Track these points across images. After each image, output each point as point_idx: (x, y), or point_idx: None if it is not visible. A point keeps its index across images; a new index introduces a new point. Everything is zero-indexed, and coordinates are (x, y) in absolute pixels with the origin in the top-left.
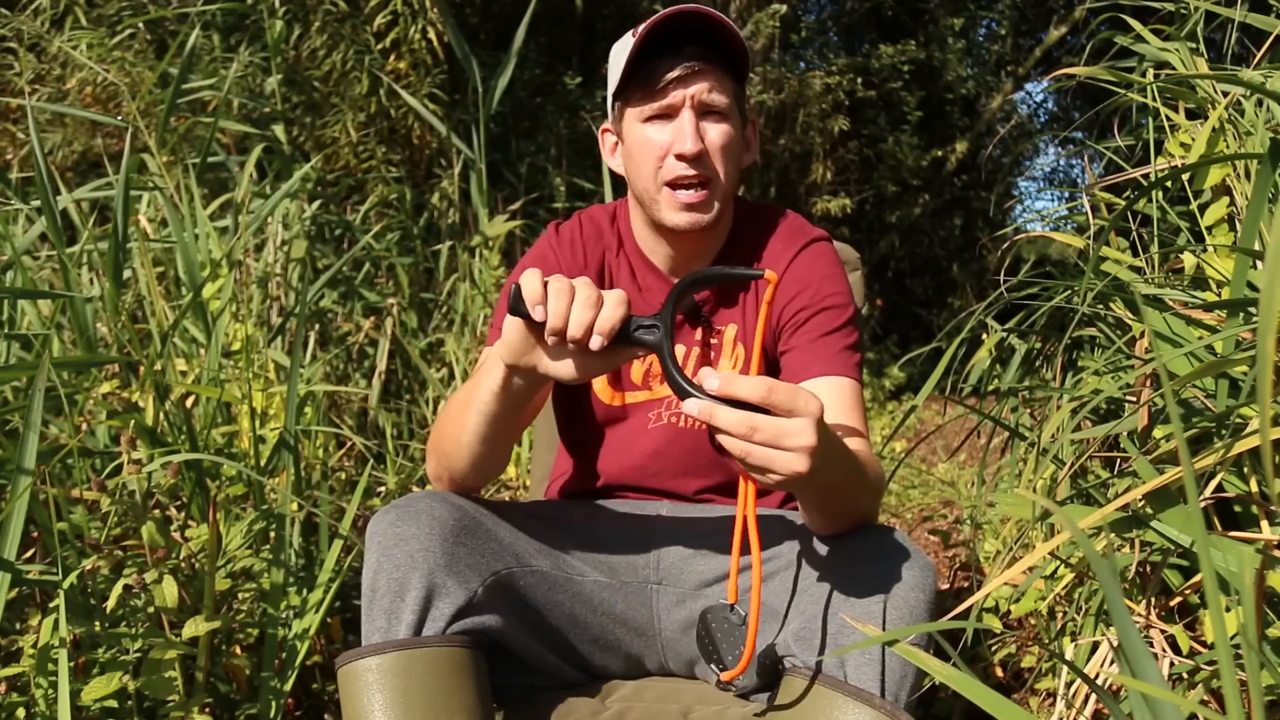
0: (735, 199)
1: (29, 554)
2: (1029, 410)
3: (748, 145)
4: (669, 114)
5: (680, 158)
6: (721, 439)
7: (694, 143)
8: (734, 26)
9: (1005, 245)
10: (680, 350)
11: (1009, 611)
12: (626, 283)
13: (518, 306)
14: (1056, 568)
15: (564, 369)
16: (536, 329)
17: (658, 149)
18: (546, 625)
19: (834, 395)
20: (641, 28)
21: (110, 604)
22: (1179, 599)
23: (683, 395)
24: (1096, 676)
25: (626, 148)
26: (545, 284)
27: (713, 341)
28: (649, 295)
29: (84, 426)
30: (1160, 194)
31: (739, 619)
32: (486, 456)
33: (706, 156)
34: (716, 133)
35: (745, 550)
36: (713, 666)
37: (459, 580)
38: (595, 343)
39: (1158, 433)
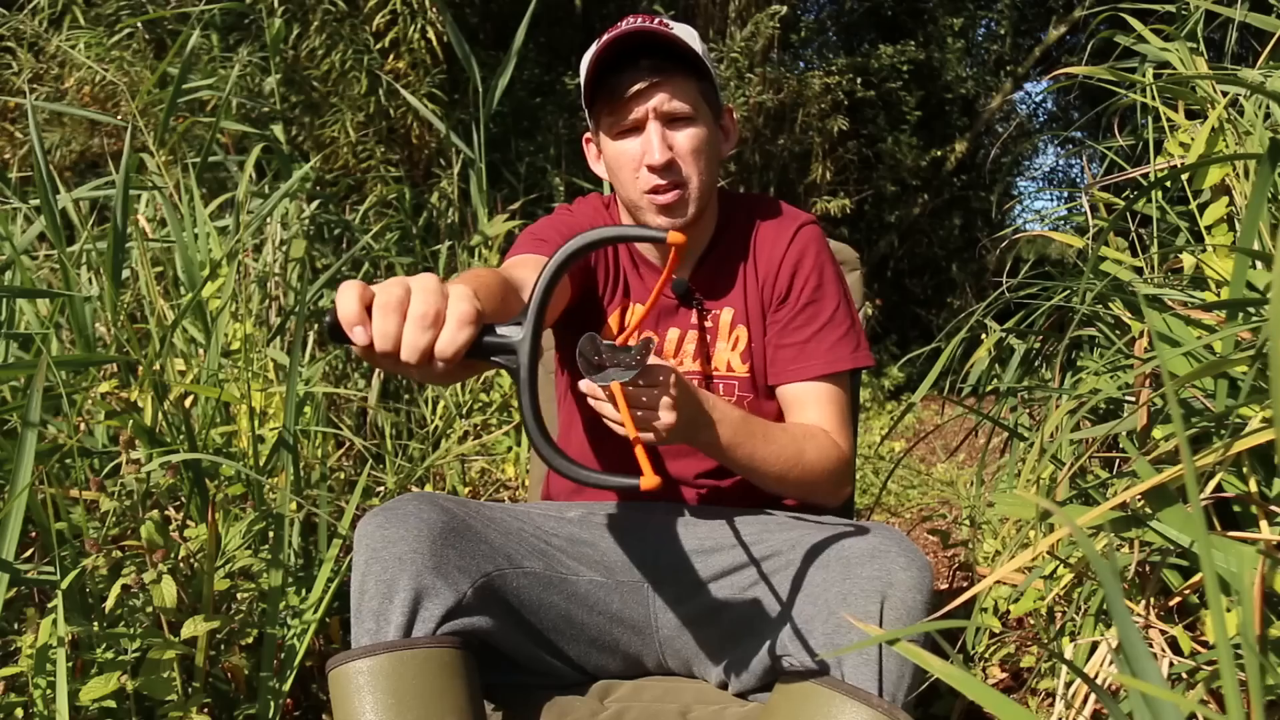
0: (722, 191)
1: (28, 554)
2: (1028, 410)
3: (725, 135)
4: (637, 127)
5: (651, 168)
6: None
7: (661, 154)
8: (682, 37)
9: (1004, 245)
10: (674, 334)
11: (1008, 611)
12: (626, 264)
13: (337, 333)
14: (1056, 567)
15: (422, 378)
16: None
17: (631, 161)
18: (541, 626)
19: (817, 398)
20: (597, 48)
21: (109, 604)
22: (1179, 599)
23: (534, 445)
24: (1096, 676)
25: (605, 159)
26: (369, 299)
27: (707, 325)
28: (648, 278)
29: (82, 426)
30: (1160, 194)
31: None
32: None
33: (676, 163)
34: (684, 137)
35: (740, 543)
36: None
37: (447, 582)
38: (437, 367)
39: (1157, 433)
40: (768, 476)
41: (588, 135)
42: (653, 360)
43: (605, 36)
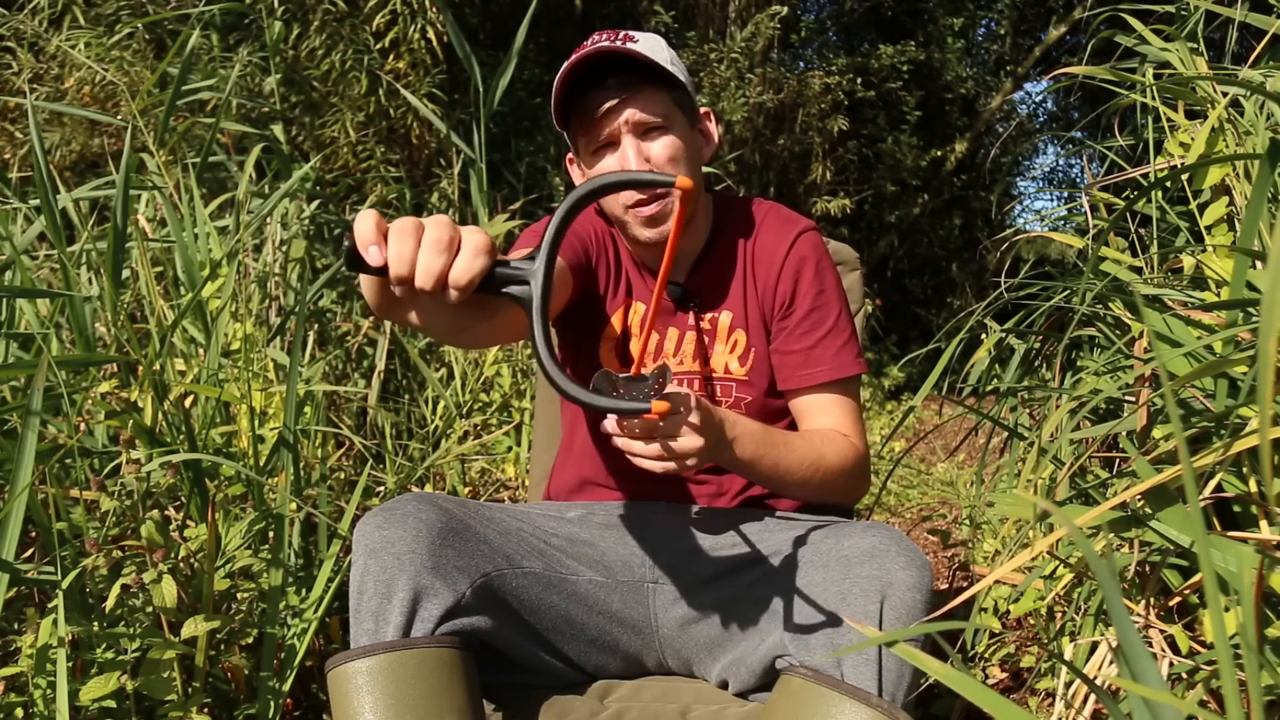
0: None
1: (28, 553)
2: (1028, 410)
3: (706, 138)
4: (612, 142)
5: None
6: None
7: (638, 166)
8: (641, 53)
9: (1004, 245)
10: (674, 334)
11: (1008, 611)
12: (628, 264)
13: (354, 260)
14: (1056, 568)
15: (436, 322)
16: (384, 280)
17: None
18: (541, 626)
19: (829, 404)
20: (561, 73)
21: (109, 604)
22: (1178, 599)
23: (547, 374)
24: (1095, 677)
25: (588, 178)
26: (385, 228)
27: (705, 327)
28: (649, 278)
29: (83, 426)
30: (1159, 194)
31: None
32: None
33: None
34: (660, 147)
35: (740, 542)
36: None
37: (446, 582)
38: (451, 296)
39: (1157, 433)
40: (792, 484)
41: (570, 156)
42: (671, 388)
43: (570, 59)
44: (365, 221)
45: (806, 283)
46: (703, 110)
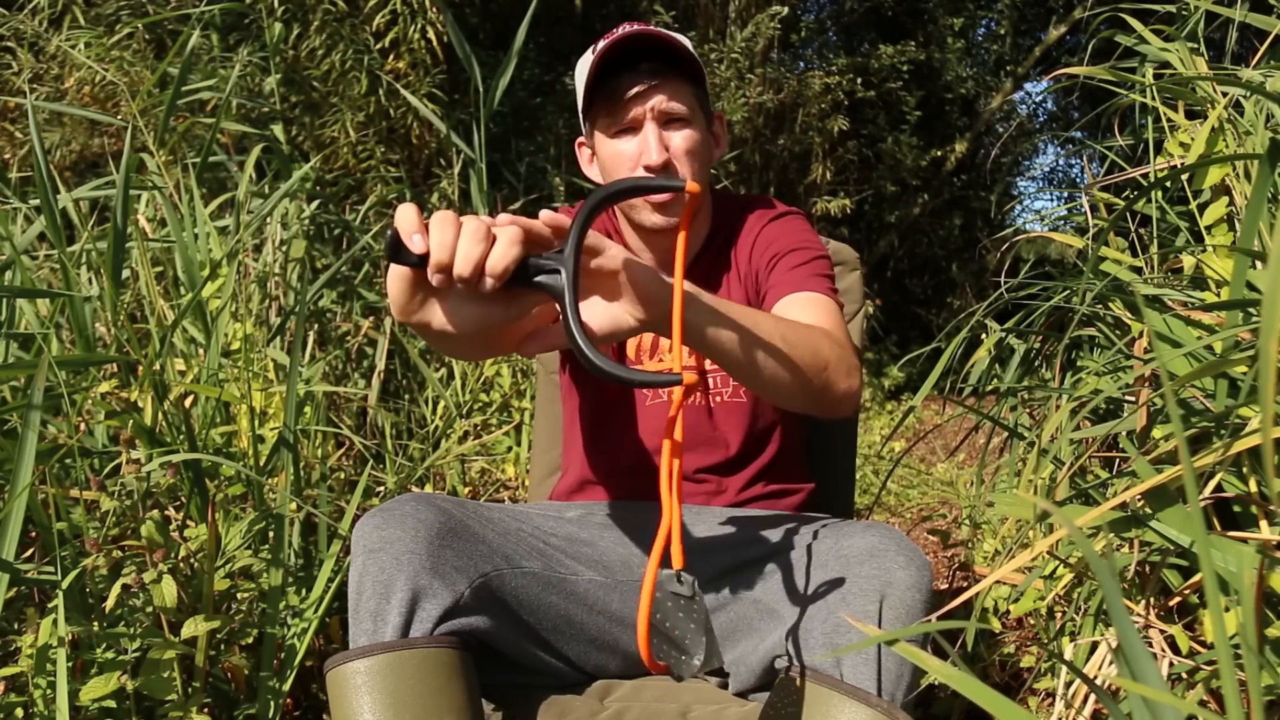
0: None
1: (28, 553)
2: (1028, 410)
3: (716, 141)
4: (634, 127)
5: (648, 169)
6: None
7: (659, 153)
8: (680, 41)
9: (1004, 245)
10: None
11: (1008, 611)
12: None
13: (396, 250)
14: (1056, 568)
15: (461, 320)
16: (420, 273)
17: (627, 161)
18: (540, 626)
19: (805, 304)
20: (597, 51)
21: (109, 604)
22: (1178, 599)
23: (579, 351)
24: (1095, 676)
25: (600, 161)
26: (425, 221)
27: None
28: None
29: (83, 426)
30: (1160, 194)
31: (689, 589)
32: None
33: (672, 164)
34: (680, 138)
35: (739, 541)
36: (678, 655)
37: (445, 582)
38: (486, 284)
39: (1157, 433)
40: (766, 352)
41: (581, 140)
42: None
43: (604, 41)
44: (408, 212)
45: (782, 241)
46: (715, 114)
